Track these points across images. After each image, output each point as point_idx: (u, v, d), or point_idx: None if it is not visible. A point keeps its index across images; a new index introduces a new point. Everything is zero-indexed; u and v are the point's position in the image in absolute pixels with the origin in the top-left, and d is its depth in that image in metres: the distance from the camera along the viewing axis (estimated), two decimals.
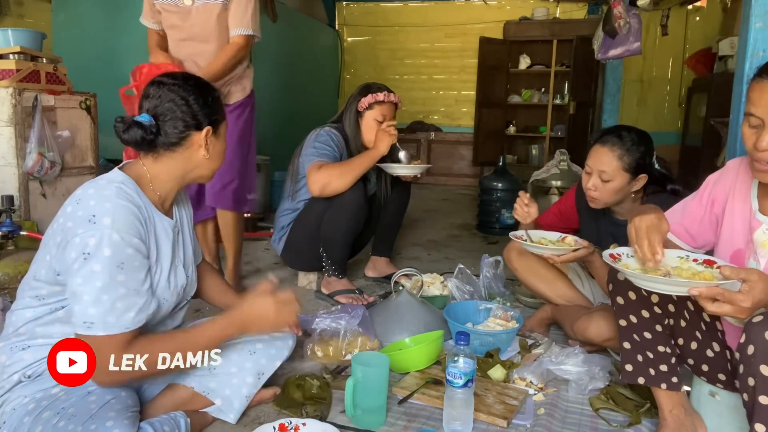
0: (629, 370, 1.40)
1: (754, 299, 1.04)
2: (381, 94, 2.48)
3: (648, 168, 1.83)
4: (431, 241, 3.85)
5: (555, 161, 3.99)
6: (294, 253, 2.59)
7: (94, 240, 1.15)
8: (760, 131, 1.15)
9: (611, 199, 1.85)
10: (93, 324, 1.15)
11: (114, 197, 1.20)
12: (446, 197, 6.07)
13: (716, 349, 1.37)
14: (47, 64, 2.84)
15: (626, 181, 1.81)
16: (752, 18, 1.91)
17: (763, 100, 1.13)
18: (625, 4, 4.30)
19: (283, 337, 1.57)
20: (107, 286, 1.15)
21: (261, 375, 1.49)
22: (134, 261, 1.20)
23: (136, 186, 1.28)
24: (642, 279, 1.18)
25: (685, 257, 1.26)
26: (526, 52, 7.00)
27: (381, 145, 2.41)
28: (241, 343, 1.49)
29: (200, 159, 1.35)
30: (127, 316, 1.18)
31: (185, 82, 1.32)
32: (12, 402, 1.23)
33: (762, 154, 1.15)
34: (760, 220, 1.26)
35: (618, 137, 1.80)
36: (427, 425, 1.50)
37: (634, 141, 1.79)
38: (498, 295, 2.38)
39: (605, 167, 1.79)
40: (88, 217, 1.16)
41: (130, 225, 1.20)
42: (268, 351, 1.52)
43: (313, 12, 6.66)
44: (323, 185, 2.29)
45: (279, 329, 1.50)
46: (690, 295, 1.10)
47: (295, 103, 5.92)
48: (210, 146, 1.35)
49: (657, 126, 6.62)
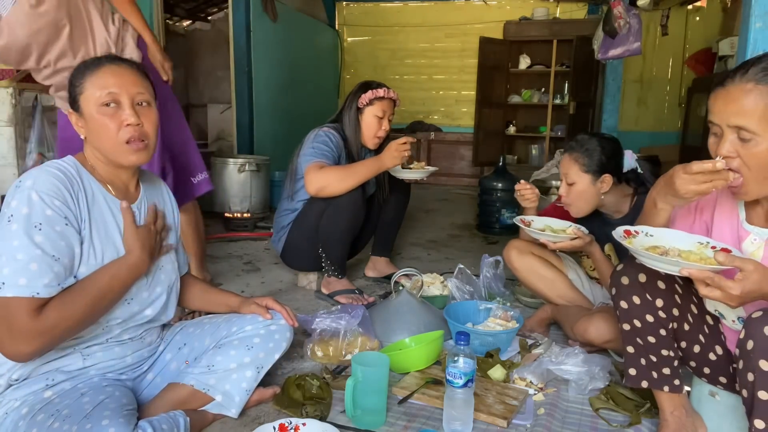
0: (633, 374, 1.40)
1: (744, 288, 1.03)
2: (381, 90, 2.49)
3: (613, 169, 1.89)
4: (431, 241, 3.85)
5: (555, 161, 4.00)
6: (294, 253, 2.59)
7: (16, 201, 1.15)
8: (719, 139, 1.16)
9: (581, 203, 1.94)
10: (3, 284, 1.10)
11: (45, 167, 1.21)
12: (446, 197, 6.07)
13: (719, 353, 1.37)
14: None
15: (588, 182, 1.90)
16: (752, 18, 1.92)
17: (717, 107, 1.16)
18: (625, 4, 4.31)
19: (280, 330, 1.55)
20: (23, 246, 1.11)
21: (260, 368, 1.49)
22: (54, 225, 1.16)
23: (79, 165, 1.28)
24: (640, 255, 1.18)
25: (705, 243, 1.24)
26: (526, 52, 7.00)
27: (387, 160, 2.35)
28: (238, 339, 1.50)
29: (87, 141, 1.30)
30: (40, 281, 1.12)
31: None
32: (4, 406, 1.22)
33: (726, 174, 1.15)
34: (748, 230, 1.25)
35: (575, 142, 1.94)
36: (427, 425, 1.50)
37: (593, 144, 1.90)
38: (498, 295, 2.38)
39: (567, 170, 1.93)
40: (17, 183, 1.18)
41: (51, 187, 1.17)
42: (266, 344, 1.51)
43: (313, 12, 6.66)
44: (321, 187, 2.29)
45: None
46: (683, 276, 1.10)
47: (295, 103, 5.93)
48: (81, 126, 1.29)
49: (657, 126, 6.64)
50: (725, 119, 1.15)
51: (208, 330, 1.54)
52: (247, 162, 4.03)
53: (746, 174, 1.15)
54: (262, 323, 1.54)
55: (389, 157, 2.35)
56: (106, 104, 1.25)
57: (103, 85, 1.25)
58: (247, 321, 1.54)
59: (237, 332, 1.52)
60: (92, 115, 1.26)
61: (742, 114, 1.11)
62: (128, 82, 1.28)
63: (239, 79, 5.07)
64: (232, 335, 1.51)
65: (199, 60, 7.61)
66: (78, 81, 1.27)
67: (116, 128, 1.25)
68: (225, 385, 1.43)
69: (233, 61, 5.06)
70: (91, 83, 1.26)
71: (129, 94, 1.27)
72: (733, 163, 1.15)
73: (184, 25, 7.72)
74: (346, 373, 1.76)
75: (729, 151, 1.14)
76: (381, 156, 2.37)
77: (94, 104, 1.25)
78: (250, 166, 4.02)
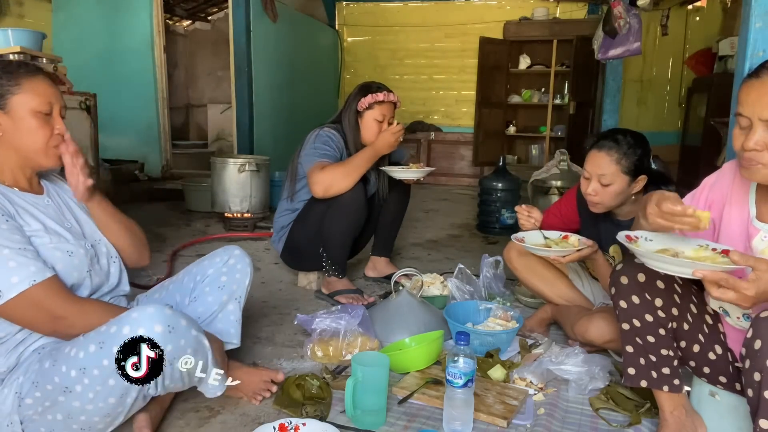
0: (632, 374, 1.40)
1: (758, 289, 1.02)
2: (381, 94, 2.48)
3: (646, 169, 1.84)
4: (431, 241, 3.85)
5: (555, 161, 3.99)
6: (294, 253, 2.59)
7: None
8: (748, 131, 1.14)
9: (613, 203, 1.86)
10: (1, 292, 1.16)
11: None
12: (446, 197, 6.07)
13: (718, 352, 1.37)
14: (47, 64, 2.84)
15: (626, 183, 1.82)
16: (752, 18, 1.92)
17: (750, 99, 1.13)
18: (625, 4, 4.31)
19: (238, 259, 1.63)
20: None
21: (239, 298, 1.61)
22: (1, 224, 1.20)
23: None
24: (650, 258, 1.16)
25: (705, 245, 1.24)
26: (526, 52, 7.00)
27: (380, 146, 2.39)
28: (207, 284, 1.59)
29: (1, 138, 1.31)
30: (28, 269, 1.19)
31: None
32: (11, 391, 1.23)
33: (748, 153, 1.15)
34: (758, 227, 1.24)
35: (614, 141, 1.81)
36: (427, 425, 1.50)
37: (631, 144, 1.81)
38: (498, 295, 2.38)
39: (604, 171, 1.80)
40: None
41: None
42: (233, 276, 1.60)
43: (313, 12, 6.66)
44: (327, 186, 2.29)
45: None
46: (695, 278, 1.08)
47: (295, 103, 5.93)
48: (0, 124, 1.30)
49: (657, 126, 6.63)
50: (758, 112, 1.12)
51: (173, 288, 1.63)
52: (247, 162, 4.03)
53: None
54: (220, 260, 1.62)
55: (383, 142, 2.38)
56: (42, 111, 1.32)
57: (41, 92, 1.32)
58: (205, 266, 1.62)
59: (202, 279, 1.60)
60: (24, 118, 1.30)
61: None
62: (58, 95, 1.38)
63: (239, 79, 5.07)
64: (200, 284, 1.60)
65: (199, 60, 7.62)
66: (11, 81, 1.29)
67: (48, 134, 1.33)
68: (217, 325, 1.56)
69: (233, 61, 5.06)
70: (29, 88, 1.31)
71: (59, 106, 1.37)
72: (761, 156, 1.13)
73: (184, 25, 7.72)
74: (346, 373, 1.76)
75: (758, 143, 1.13)
76: (374, 143, 2.40)
77: (28, 107, 1.30)
78: (250, 166, 4.02)
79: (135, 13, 5.39)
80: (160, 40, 5.54)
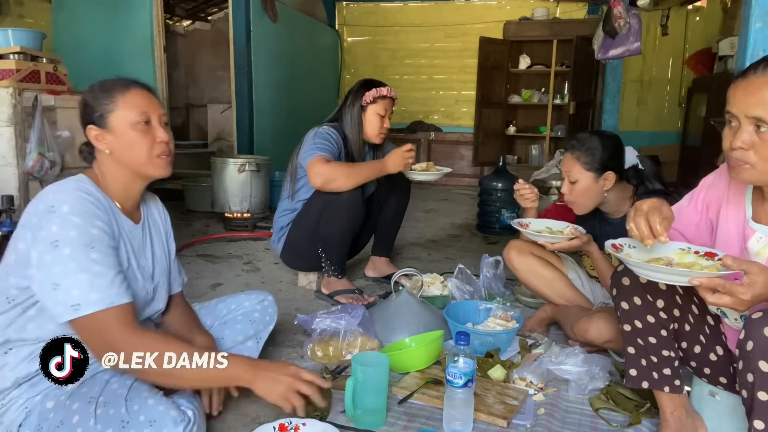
0: (633, 375, 1.39)
1: (754, 292, 1.03)
2: (384, 89, 2.50)
3: (615, 166, 1.90)
4: (431, 241, 3.85)
5: (555, 161, 4.00)
6: (293, 253, 2.59)
7: (56, 227, 1.18)
8: (736, 130, 1.15)
9: (587, 201, 1.94)
10: (79, 305, 1.16)
11: (71, 190, 1.26)
12: (446, 197, 6.07)
13: (719, 353, 1.37)
14: (47, 64, 2.84)
15: (591, 179, 1.90)
16: (752, 18, 1.92)
17: (737, 97, 1.15)
18: (625, 4, 4.30)
19: (271, 305, 1.75)
20: (82, 266, 1.17)
21: (259, 340, 1.70)
22: (102, 242, 1.22)
23: (94, 184, 1.33)
24: (643, 268, 1.16)
25: (686, 249, 1.24)
26: (526, 52, 6.99)
27: (391, 166, 2.39)
28: (241, 314, 1.69)
29: (110, 156, 1.35)
30: (110, 291, 1.19)
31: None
32: (22, 404, 1.23)
33: (735, 152, 1.15)
34: (754, 229, 1.24)
35: (576, 140, 1.94)
36: (427, 425, 1.50)
37: (594, 142, 1.90)
38: (498, 295, 2.38)
39: (569, 168, 1.93)
40: (47, 209, 1.21)
41: (88, 210, 1.23)
42: (264, 318, 1.72)
43: (313, 12, 6.66)
44: (327, 180, 2.29)
45: (280, 403, 1.34)
46: (690, 285, 1.08)
47: (295, 103, 5.93)
48: (106, 142, 1.33)
49: (657, 126, 6.64)
50: (744, 110, 1.13)
51: (205, 313, 1.70)
52: (247, 162, 4.03)
53: (760, 167, 1.13)
54: (256, 299, 1.74)
55: (393, 163, 2.39)
56: (140, 122, 1.34)
57: (135, 104, 1.34)
58: (242, 298, 1.74)
59: (237, 309, 1.71)
60: (125, 132, 1.33)
61: (762, 105, 1.10)
62: (155, 103, 1.40)
63: (239, 79, 5.07)
64: (233, 312, 1.70)
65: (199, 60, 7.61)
66: (106, 100, 1.33)
67: (150, 143, 1.35)
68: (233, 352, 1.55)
69: (233, 61, 5.06)
70: (123, 102, 1.33)
71: (157, 114, 1.38)
72: (748, 155, 1.14)
73: (184, 25, 7.72)
74: (346, 373, 1.76)
75: (744, 142, 1.13)
76: (385, 160, 2.41)
77: (127, 122, 1.33)
78: (250, 166, 4.02)
79: (135, 13, 5.38)
80: (160, 40, 5.52)
